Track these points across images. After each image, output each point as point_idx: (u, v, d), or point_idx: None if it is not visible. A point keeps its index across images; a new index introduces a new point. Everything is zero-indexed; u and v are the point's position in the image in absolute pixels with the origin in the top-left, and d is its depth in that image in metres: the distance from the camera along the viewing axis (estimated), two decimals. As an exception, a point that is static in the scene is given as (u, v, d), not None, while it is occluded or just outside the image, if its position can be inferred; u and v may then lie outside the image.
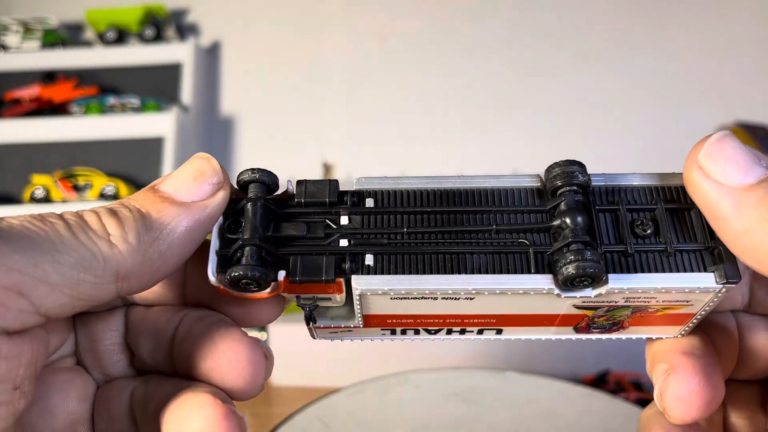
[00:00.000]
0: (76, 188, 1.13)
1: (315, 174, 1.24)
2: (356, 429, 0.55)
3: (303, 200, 0.21)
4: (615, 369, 1.02)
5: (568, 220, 0.20)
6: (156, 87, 1.25)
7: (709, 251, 0.20)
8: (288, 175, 1.22)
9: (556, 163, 0.21)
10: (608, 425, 0.54)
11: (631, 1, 1.31)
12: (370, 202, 0.21)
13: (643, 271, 0.20)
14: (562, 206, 0.20)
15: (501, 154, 1.24)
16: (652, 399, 0.23)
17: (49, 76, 1.24)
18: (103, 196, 1.12)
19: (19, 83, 1.24)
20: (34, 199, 1.12)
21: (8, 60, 1.27)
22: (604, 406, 0.56)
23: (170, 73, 1.26)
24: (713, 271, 0.20)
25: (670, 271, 0.20)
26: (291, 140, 1.30)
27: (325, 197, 0.21)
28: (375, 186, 0.21)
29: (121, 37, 1.30)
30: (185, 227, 0.19)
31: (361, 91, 1.31)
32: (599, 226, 0.20)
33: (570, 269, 0.19)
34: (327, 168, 1.25)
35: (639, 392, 0.96)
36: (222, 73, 1.35)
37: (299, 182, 0.21)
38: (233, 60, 1.35)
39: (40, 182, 1.14)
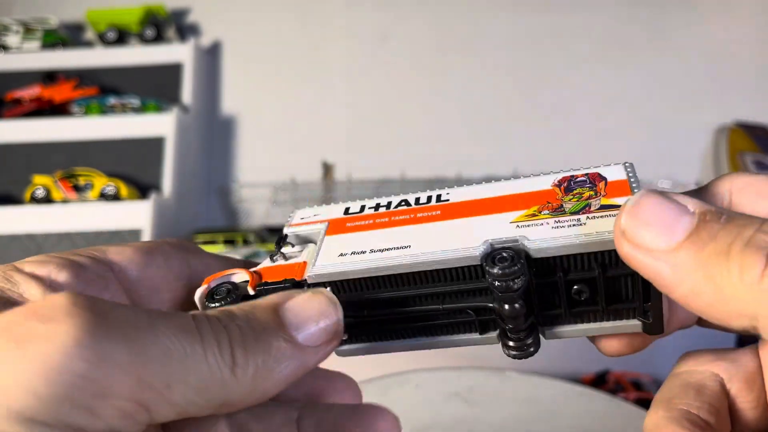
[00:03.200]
0: (77, 188, 1.13)
1: (315, 174, 1.24)
2: (356, 429, 0.55)
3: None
4: (614, 369, 1.02)
5: (505, 309, 0.21)
6: (156, 87, 1.25)
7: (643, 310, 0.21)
8: (288, 175, 1.23)
9: (501, 258, 0.20)
10: (608, 425, 0.54)
11: (631, 3, 1.31)
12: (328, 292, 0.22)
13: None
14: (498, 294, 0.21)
15: (501, 154, 1.24)
16: (652, 398, 0.23)
17: (49, 77, 1.24)
18: (103, 196, 1.12)
19: (20, 83, 1.24)
20: (34, 200, 1.12)
21: (8, 60, 1.27)
22: (603, 406, 0.56)
23: (170, 73, 1.26)
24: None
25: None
26: (291, 140, 1.30)
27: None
28: (330, 274, 0.23)
29: (121, 37, 1.30)
30: (292, 371, 0.19)
31: (361, 91, 1.31)
32: (537, 298, 0.22)
33: (512, 353, 0.22)
34: (327, 168, 1.25)
35: (639, 392, 0.96)
36: (222, 73, 1.35)
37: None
38: (233, 60, 1.36)
39: (40, 182, 1.14)
